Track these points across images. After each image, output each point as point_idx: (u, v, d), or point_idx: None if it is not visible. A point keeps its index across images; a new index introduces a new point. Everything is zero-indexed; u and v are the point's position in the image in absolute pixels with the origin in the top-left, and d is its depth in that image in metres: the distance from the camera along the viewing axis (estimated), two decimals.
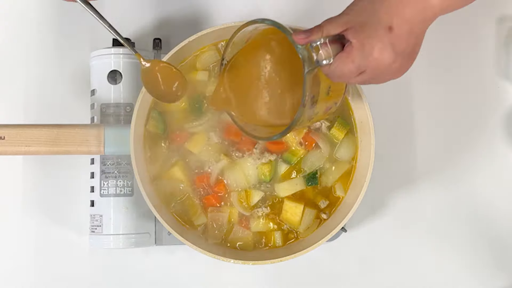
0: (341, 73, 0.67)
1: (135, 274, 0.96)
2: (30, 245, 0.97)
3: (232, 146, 0.86)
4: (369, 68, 0.66)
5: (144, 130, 0.86)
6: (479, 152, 0.99)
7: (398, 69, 0.67)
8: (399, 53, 0.65)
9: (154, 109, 0.87)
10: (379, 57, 0.65)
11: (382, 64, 0.66)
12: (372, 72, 0.67)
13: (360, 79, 0.68)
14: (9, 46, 1.00)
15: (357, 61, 0.65)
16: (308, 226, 0.86)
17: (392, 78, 0.69)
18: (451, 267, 0.97)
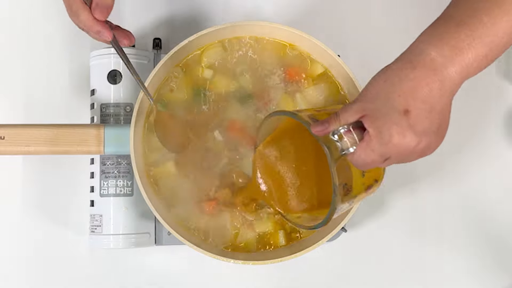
0: (364, 162, 0.65)
1: (135, 274, 0.96)
2: (29, 245, 0.97)
3: (236, 143, 0.86)
4: (393, 154, 0.64)
5: (146, 123, 0.86)
6: (479, 152, 0.99)
7: (427, 147, 0.65)
8: (422, 133, 0.63)
9: (158, 101, 0.87)
10: (399, 142, 0.63)
11: (406, 149, 0.63)
12: (398, 157, 0.64)
13: (388, 164, 0.66)
14: (9, 46, 1.00)
15: (377, 149, 0.63)
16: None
17: (423, 156, 0.66)
18: (451, 267, 0.97)
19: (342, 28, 1.00)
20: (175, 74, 0.88)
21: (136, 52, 0.91)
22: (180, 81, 0.88)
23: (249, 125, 0.86)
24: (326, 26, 0.99)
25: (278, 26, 0.86)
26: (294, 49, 0.89)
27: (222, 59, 0.88)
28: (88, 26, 0.74)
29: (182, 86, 0.87)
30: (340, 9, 1.01)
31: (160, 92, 0.87)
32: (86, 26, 0.74)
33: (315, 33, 0.86)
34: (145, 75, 0.86)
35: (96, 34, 0.75)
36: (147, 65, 0.92)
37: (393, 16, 1.02)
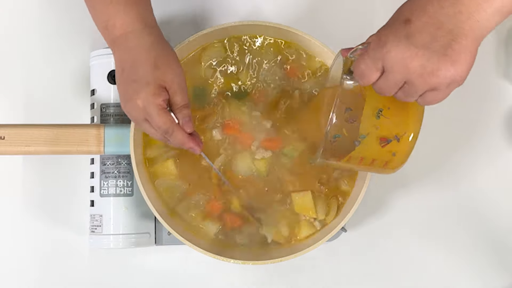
0: (360, 71, 0.64)
1: (135, 274, 0.96)
2: (29, 245, 0.97)
3: (233, 141, 0.86)
4: (387, 63, 0.62)
5: (143, 162, 0.86)
6: (479, 152, 0.99)
7: (429, 67, 0.60)
8: (419, 46, 0.60)
9: None
10: (392, 49, 0.61)
11: (399, 59, 0.61)
12: (393, 69, 0.62)
13: (385, 81, 0.63)
14: (9, 46, 1.00)
15: (371, 55, 0.62)
16: (328, 211, 0.86)
17: (429, 84, 0.61)
18: (451, 267, 0.97)
19: (343, 28, 1.00)
20: None
21: None
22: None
23: (246, 123, 0.86)
24: (326, 26, 0.99)
25: (278, 25, 0.86)
26: (293, 47, 0.89)
27: (222, 58, 0.88)
28: (182, 143, 0.76)
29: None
30: (340, 9, 1.01)
31: None
32: (181, 142, 0.76)
33: (315, 33, 0.86)
34: None
35: (188, 148, 0.77)
36: None
37: None
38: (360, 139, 0.69)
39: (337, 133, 0.68)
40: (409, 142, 0.70)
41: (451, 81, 0.61)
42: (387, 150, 0.70)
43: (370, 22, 1.01)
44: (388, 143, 0.70)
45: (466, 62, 0.61)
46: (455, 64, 0.60)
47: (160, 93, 0.72)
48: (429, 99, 0.64)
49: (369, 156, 0.71)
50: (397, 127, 0.69)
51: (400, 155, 0.71)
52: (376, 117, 0.69)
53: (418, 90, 0.63)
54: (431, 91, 0.63)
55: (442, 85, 0.61)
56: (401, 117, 0.70)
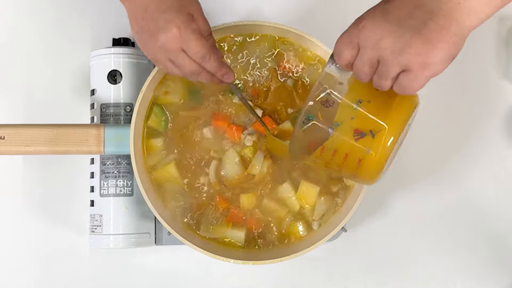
0: (337, 48, 0.64)
1: (135, 274, 0.96)
2: (30, 245, 0.97)
3: (223, 136, 0.87)
4: (360, 39, 0.61)
5: (143, 126, 0.86)
6: (479, 152, 0.99)
7: (401, 42, 0.59)
8: (393, 23, 0.59)
9: (156, 104, 0.87)
10: (367, 24, 0.61)
11: (373, 33, 0.60)
12: (366, 46, 0.61)
13: (359, 61, 0.62)
14: (9, 46, 1.00)
15: (349, 30, 0.63)
16: (323, 213, 0.86)
17: (398, 59, 0.59)
18: (451, 267, 0.97)
19: (343, 28, 1.00)
20: (169, 77, 0.88)
21: (136, 52, 0.91)
22: (175, 84, 0.87)
23: (237, 115, 0.87)
24: (326, 26, 0.99)
25: (278, 25, 0.86)
26: (289, 43, 0.89)
27: None
28: (218, 68, 0.74)
29: (176, 88, 0.87)
30: (340, 8, 1.01)
31: (155, 95, 0.87)
32: (216, 69, 0.74)
33: (315, 33, 0.86)
34: (145, 75, 0.86)
35: (221, 76, 0.75)
36: (147, 65, 0.92)
37: None
38: (334, 127, 0.68)
39: (311, 114, 0.67)
40: (385, 143, 0.67)
41: (423, 62, 0.59)
42: (361, 145, 0.67)
43: None
44: (362, 137, 0.68)
45: (442, 47, 0.59)
46: (428, 44, 0.59)
47: (192, 19, 0.71)
48: (404, 83, 0.61)
49: (342, 149, 0.68)
50: (373, 123, 0.67)
51: (375, 154, 0.68)
52: (353, 108, 0.67)
53: (389, 69, 0.61)
54: (405, 74, 0.61)
55: (413, 65, 0.59)
56: (380, 115, 0.67)
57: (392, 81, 0.62)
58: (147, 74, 0.85)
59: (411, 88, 0.62)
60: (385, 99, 0.68)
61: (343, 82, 0.68)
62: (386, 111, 0.68)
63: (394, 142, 0.68)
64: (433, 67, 0.60)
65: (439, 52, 0.59)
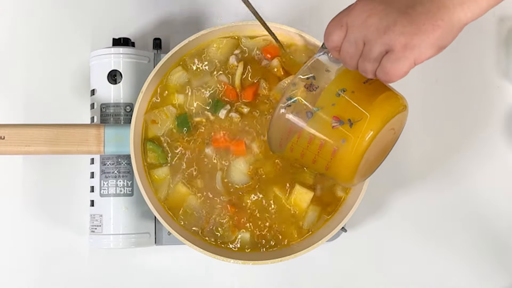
0: (327, 30, 0.65)
1: (135, 274, 0.96)
2: (30, 245, 0.97)
3: (226, 152, 0.87)
4: (349, 19, 0.62)
5: (143, 164, 0.87)
6: (479, 152, 0.99)
7: (382, 21, 0.59)
8: (382, 2, 0.60)
9: (148, 141, 0.87)
10: (356, 5, 0.62)
11: (359, 12, 0.61)
12: (353, 25, 0.61)
13: (347, 43, 0.62)
14: (9, 46, 1.00)
15: (340, 12, 0.64)
16: (313, 223, 0.86)
17: (382, 37, 0.59)
18: (451, 267, 0.97)
19: None
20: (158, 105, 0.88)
21: (136, 52, 0.91)
22: (163, 114, 0.87)
23: (232, 130, 0.86)
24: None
25: (279, 25, 0.86)
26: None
27: (187, 79, 0.88)
28: None
29: (165, 119, 0.87)
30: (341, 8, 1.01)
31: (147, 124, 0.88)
32: None
33: (315, 33, 0.86)
34: (145, 75, 0.86)
35: None
36: (147, 65, 0.92)
37: None
38: (314, 111, 0.67)
39: (292, 96, 0.67)
40: (363, 135, 0.66)
41: (406, 43, 0.58)
42: (338, 133, 0.67)
43: None
44: (340, 124, 0.67)
45: (426, 30, 0.58)
46: (413, 24, 0.58)
47: None
48: (386, 66, 0.60)
49: (318, 137, 0.68)
50: (353, 112, 0.66)
51: (350, 144, 0.66)
52: (336, 95, 0.67)
53: (373, 48, 0.60)
54: (387, 55, 0.60)
55: (396, 44, 0.59)
56: (363, 104, 0.67)
57: (375, 64, 0.62)
58: (147, 74, 0.85)
59: (394, 72, 0.61)
60: (370, 94, 0.67)
61: (330, 70, 0.68)
62: (368, 104, 0.67)
63: (372, 137, 0.67)
64: (416, 50, 0.59)
65: (423, 35, 0.59)
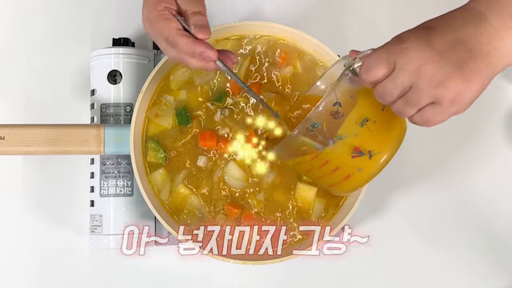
0: (370, 62, 0.62)
1: (135, 274, 0.96)
2: (30, 245, 0.97)
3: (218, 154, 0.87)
4: (400, 60, 0.60)
5: (143, 164, 0.87)
6: (479, 152, 0.99)
7: (442, 76, 0.59)
8: (437, 51, 0.60)
9: (149, 139, 0.87)
10: (411, 46, 0.60)
11: (414, 56, 0.60)
12: (405, 68, 0.60)
13: (391, 81, 0.61)
14: (9, 46, 1.00)
15: (388, 47, 0.62)
16: (323, 214, 0.86)
17: (434, 90, 0.60)
18: (451, 267, 0.97)
19: (342, 29, 1.00)
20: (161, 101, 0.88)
21: (136, 52, 0.91)
22: (166, 107, 0.88)
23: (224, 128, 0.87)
24: (326, 27, 0.99)
25: (278, 26, 0.86)
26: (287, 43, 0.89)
27: (188, 76, 0.88)
28: (191, 49, 0.69)
29: (167, 111, 0.88)
30: (340, 10, 1.01)
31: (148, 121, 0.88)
32: (189, 50, 0.69)
33: (315, 34, 0.86)
34: (145, 75, 0.86)
35: (200, 57, 0.70)
36: (147, 65, 0.92)
37: (395, 16, 1.01)
38: (336, 139, 0.67)
39: (316, 122, 0.67)
40: (379, 166, 0.69)
41: (456, 99, 0.61)
42: (355, 163, 0.68)
43: (371, 23, 1.01)
44: (360, 156, 0.68)
45: (475, 89, 0.61)
46: (465, 82, 0.60)
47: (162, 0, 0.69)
48: (428, 115, 0.62)
49: (335, 162, 0.69)
50: (375, 144, 0.68)
51: (364, 174, 0.69)
52: (359, 125, 0.67)
53: (421, 98, 0.61)
54: (432, 106, 0.62)
55: (446, 100, 0.60)
56: (383, 136, 0.68)
57: (415, 109, 0.63)
58: (147, 74, 0.85)
59: (433, 122, 0.63)
60: (387, 123, 0.68)
61: (354, 96, 0.68)
62: (387, 134, 0.69)
63: (385, 164, 0.69)
64: (461, 106, 0.62)
65: (471, 93, 0.61)
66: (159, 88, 0.88)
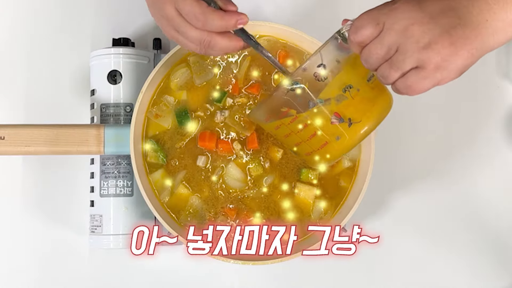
0: (359, 23, 0.61)
1: (135, 274, 0.96)
2: (30, 245, 0.97)
3: (217, 154, 0.87)
4: (388, 20, 0.60)
5: (143, 164, 0.87)
6: (479, 152, 0.99)
7: (425, 35, 0.59)
8: (427, 13, 0.59)
9: (149, 140, 0.87)
10: (400, 6, 0.60)
11: (403, 16, 0.59)
12: (393, 28, 0.59)
13: (378, 43, 0.61)
14: (9, 46, 1.00)
15: (378, 8, 0.61)
16: (323, 215, 0.86)
17: (420, 52, 0.59)
18: (451, 267, 0.97)
19: None
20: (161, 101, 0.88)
21: (136, 52, 0.91)
22: (163, 105, 0.88)
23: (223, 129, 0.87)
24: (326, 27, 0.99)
25: (278, 26, 0.86)
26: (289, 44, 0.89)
27: (188, 77, 0.88)
28: (225, 22, 0.65)
29: (165, 109, 0.88)
30: (340, 10, 1.01)
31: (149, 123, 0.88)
32: (222, 23, 0.65)
33: (315, 34, 0.86)
34: (145, 75, 0.86)
35: (235, 25, 0.65)
36: (147, 65, 0.92)
37: None
38: (317, 102, 0.66)
39: (298, 80, 0.66)
40: (359, 134, 0.67)
41: (441, 64, 0.59)
42: (334, 130, 0.67)
43: None
44: (340, 122, 0.67)
45: (462, 56, 0.60)
46: (452, 47, 0.59)
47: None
48: (411, 80, 0.61)
49: (313, 127, 0.67)
50: (356, 112, 0.66)
51: (342, 143, 0.67)
52: (342, 91, 0.66)
53: (406, 59, 0.60)
54: (416, 70, 0.60)
55: (431, 64, 0.59)
56: (365, 106, 0.67)
57: (399, 74, 0.61)
58: (147, 74, 0.85)
59: (416, 88, 0.61)
60: (371, 94, 0.67)
61: (340, 61, 0.67)
62: (370, 105, 0.67)
63: (364, 136, 0.67)
64: (446, 72, 0.60)
65: (458, 59, 0.60)
66: (159, 88, 0.88)
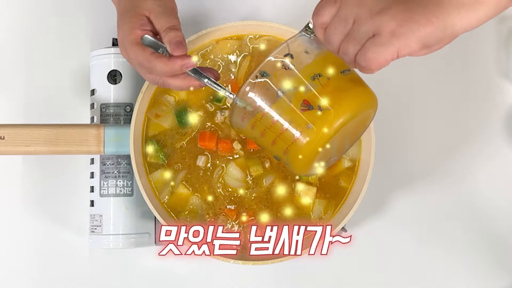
0: (319, 5, 0.61)
1: (135, 274, 0.96)
2: (29, 245, 0.97)
3: (217, 154, 0.87)
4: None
5: (143, 164, 0.87)
6: (479, 152, 0.99)
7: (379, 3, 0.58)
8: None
9: (149, 139, 0.87)
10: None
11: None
12: (348, 2, 0.59)
13: (336, 21, 0.60)
14: (9, 46, 1.00)
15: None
16: (323, 215, 0.86)
17: (374, 19, 0.58)
18: (451, 267, 0.97)
19: None
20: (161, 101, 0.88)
21: None
22: (162, 105, 0.88)
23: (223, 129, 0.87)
24: None
25: (278, 26, 0.86)
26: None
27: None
28: (170, 69, 0.68)
29: (167, 111, 0.88)
30: None
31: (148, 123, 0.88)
32: (168, 70, 0.68)
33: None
34: None
35: (181, 76, 0.69)
36: None
37: None
38: (285, 91, 0.66)
39: (265, 70, 0.65)
40: (331, 123, 0.65)
41: (397, 31, 0.57)
42: (305, 118, 0.65)
43: None
44: (309, 109, 0.65)
45: (418, 22, 0.57)
46: (407, 12, 0.57)
47: (136, 22, 0.68)
48: (369, 50, 0.58)
49: (284, 118, 0.66)
50: (326, 100, 0.65)
51: (315, 132, 0.65)
52: (311, 78, 0.65)
53: (361, 28, 0.58)
54: (372, 39, 0.58)
55: (386, 29, 0.57)
56: (336, 95, 0.65)
57: (358, 46, 0.60)
58: None
59: (374, 58, 0.59)
60: (344, 85, 0.66)
61: (310, 52, 0.66)
62: (341, 93, 0.66)
63: (339, 127, 0.65)
64: (403, 40, 0.57)
65: (413, 25, 0.57)
66: (159, 88, 0.88)
